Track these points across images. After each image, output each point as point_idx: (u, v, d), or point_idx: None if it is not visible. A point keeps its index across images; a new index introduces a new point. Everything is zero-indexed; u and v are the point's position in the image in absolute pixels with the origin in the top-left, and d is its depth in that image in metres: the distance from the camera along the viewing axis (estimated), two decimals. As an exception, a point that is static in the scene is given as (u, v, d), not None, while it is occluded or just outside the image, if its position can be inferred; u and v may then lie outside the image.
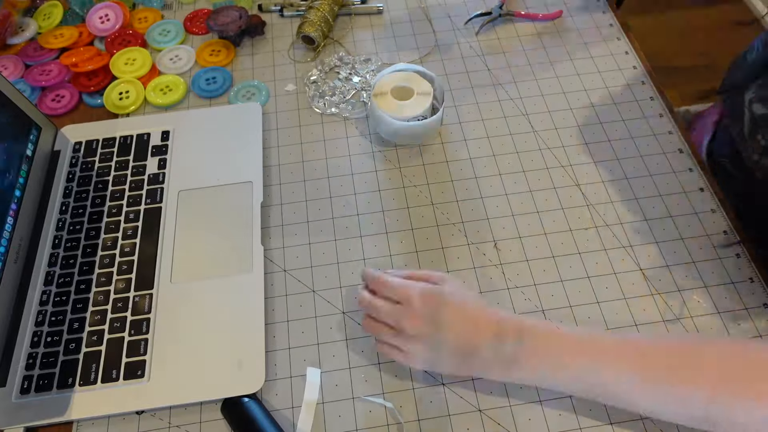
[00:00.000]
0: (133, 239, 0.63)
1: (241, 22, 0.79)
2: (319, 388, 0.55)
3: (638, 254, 0.61)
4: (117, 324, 0.58)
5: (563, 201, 0.65)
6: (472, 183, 0.67)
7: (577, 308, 0.58)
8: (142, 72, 0.77)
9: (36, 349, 0.57)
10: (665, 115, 0.71)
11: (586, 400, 0.53)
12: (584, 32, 0.80)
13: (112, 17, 0.82)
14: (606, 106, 0.73)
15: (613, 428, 0.52)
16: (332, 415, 0.53)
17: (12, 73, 0.78)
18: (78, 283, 0.60)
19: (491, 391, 0.54)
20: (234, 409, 0.52)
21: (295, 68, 0.79)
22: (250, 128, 0.71)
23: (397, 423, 0.53)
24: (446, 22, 0.83)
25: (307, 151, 0.71)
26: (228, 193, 0.66)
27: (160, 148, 0.70)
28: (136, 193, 0.66)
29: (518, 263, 0.61)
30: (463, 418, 0.53)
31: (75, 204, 0.66)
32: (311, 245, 0.63)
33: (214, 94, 0.76)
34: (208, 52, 0.80)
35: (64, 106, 0.75)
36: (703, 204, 0.64)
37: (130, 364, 0.55)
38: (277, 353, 0.57)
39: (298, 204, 0.66)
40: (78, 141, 0.71)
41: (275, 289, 0.61)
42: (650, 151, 0.69)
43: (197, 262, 0.61)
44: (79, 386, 0.54)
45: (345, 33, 0.82)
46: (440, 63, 0.78)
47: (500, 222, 0.64)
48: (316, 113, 0.74)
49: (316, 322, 0.59)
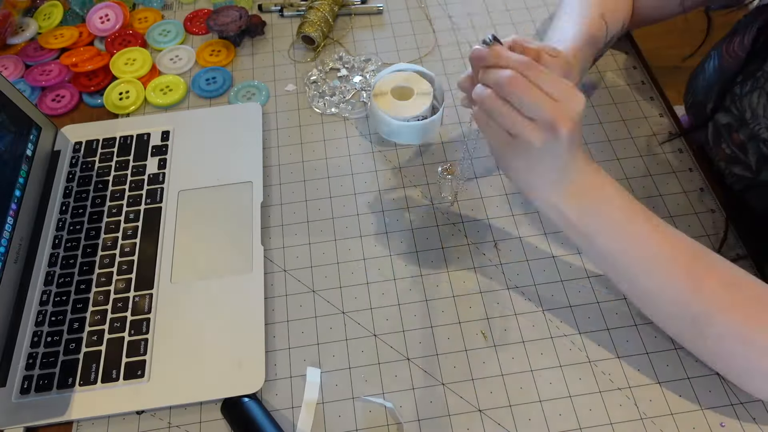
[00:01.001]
0: (133, 239, 0.63)
1: (241, 22, 0.79)
2: (319, 388, 0.55)
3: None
4: (117, 324, 0.58)
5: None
6: (472, 183, 0.67)
7: (577, 308, 0.58)
8: (142, 72, 0.77)
9: (36, 349, 0.57)
10: (665, 115, 0.71)
11: (586, 400, 0.53)
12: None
13: (112, 17, 0.82)
14: (606, 106, 0.73)
15: (613, 428, 0.52)
16: (332, 415, 0.53)
17: (12, 73, 0.78)
18: (78, 283, 0.60)
19: (491, 391, 0.54)
20: (234, 409, 0.52)
21: (295, 68, 0.79)
22: (250, 128, 0.71)
23: (397, 423, 0.53)
24: (446, 22, 0.83)
25: (307, 151, 0.71)
26: (228, 193, 0.66)
27: (160, 148, 0.70)
28: (136, 193, 0.66)
29: (518, 263, 0.61)
30: (463, 418, 0.53)
31: (75, 204, 0.66)
32: (311, 245, 0.63)
33: (214, 94, 0.76)
34: (208, 52, 0.80)
35: (64, 106, 0.75)
36: (703, 204, 0.64)
37: (130, 364, 0.55)
38: (277, 353, 0.57)
39: (298, 204, 0.66)
40: (78, 141, 0.71)
41: (275, 289, 0.61)
42: (650, 150, 0.69)
43: (197, 262, 0.61)
44: (79, 386, 0.54)
45: (345, 33, 0.82)
46: (440, 63, 0.78)
47: (500, 222, 0.64)
48: (316, 113, 0.74)
49: (316, 322, 0.59)
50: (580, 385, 0.54)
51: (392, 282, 0.61)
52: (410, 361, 0.56)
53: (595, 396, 0.53)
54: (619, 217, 0.49)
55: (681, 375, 0.54)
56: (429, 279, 0.61)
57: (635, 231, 0.49)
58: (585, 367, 0.55)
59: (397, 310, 0.59)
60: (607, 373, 0.55)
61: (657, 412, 0.52)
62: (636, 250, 0.49)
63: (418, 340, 0.57)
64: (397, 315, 0.59)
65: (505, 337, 0.57)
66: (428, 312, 0.59)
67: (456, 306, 0.59)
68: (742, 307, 0.47)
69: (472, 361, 0.56)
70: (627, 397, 0.53)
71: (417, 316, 0.58)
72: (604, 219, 0.49)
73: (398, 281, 0.61)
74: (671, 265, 0.48)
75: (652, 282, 0.49)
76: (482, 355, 0.56)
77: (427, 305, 0.59)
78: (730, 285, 0.48)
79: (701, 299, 0.47)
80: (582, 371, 0.55)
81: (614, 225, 0.49)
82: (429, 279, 0.61)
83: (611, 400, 0.53)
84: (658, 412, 0.52)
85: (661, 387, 0.54)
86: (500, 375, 0.55)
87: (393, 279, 0.61)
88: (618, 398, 0.53)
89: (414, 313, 0.59)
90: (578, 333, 0.57)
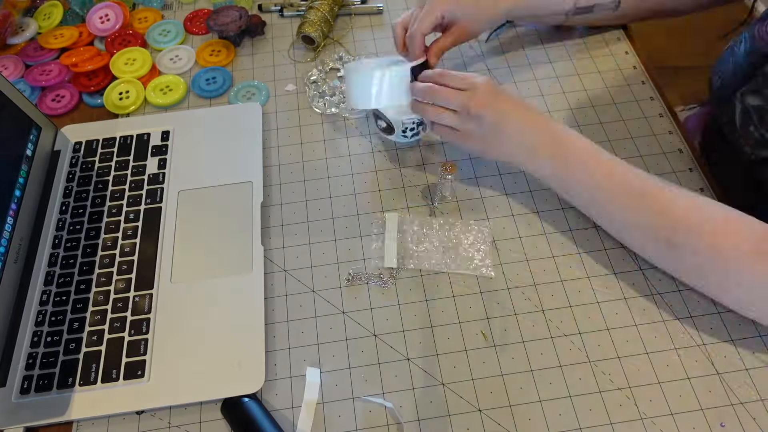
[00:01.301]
0: (133, 239, 0.63)
1: (241, 22, 0.79)
2: (319, 388, 0.55)
3: (638, 254, 0.61)
4: (117, 324, 0.58)
5: (563, 201, 0.65)
6: (472, 183, 0.67)
7: (577, 308, 0.58)
8: (142, 72, 0.77)
9: (36, 349, 0.57)
10: (665, 115, 0.71)
11: (586, 400, 0.53)
12: (584, 32, 0.80)
13: (112, 17, 0.82)
14: (606, 106, 0.73)
15: (613, 428, 0.52)
16: (332, 415, 0.53)
17: (12, 73, 0.78)
18: (78, 283, 0.60)
19: (491, 391, 0.54)
20: (234, 409, 0.52)
21: (295, 68, 0.79)
22: (250, 128, 0.71)
23: (397, 423, 0.53)
24: (446, 22, 0.83)
25: (307, 151, 0.71)
26: (228, 193, 0.66)
27: (160, 148, 0.70)
28: (136, 193, 0.66)
29: (518, 264, 0.61)
30: (463, 418, 0.53)
31: (75, 204, 0.66)
32: (311, 245, 0.63)
33: (214, 94, 0.76)
34: (208, 52, 0.80)
35: (64, 106, 0.75)
36: (703, 204, 0.64)
37: (130, 364, 0.55)
38: (277, 353, 0.57)
39: (298, 204, 0.66)
40: (78, 141, 0.71)
41: (275, 289, 0.61)
42: (650, 151, 0.69)
43: (197, 262, 0.61)
44: (79, 386, 0.54)
45: (345, 33, 0.82)
46: (440, 63, 0.78)
47: (500, 222, 0.64)
48: (316, 113, 0.74)
49: (316, 322, 0.59)
50: (580, 385, 0.54)
51: (392, 282, 0.61)
52: (410, 361, 0.56)
53: (595, 396, 0.54)
54: (589, 163, 0.57)
55: (681, 375, 0.54)
56: (429, 279, 0.61)
57: (604, 170, 0.56)
58: (585, 367, 0.55)
59: (397, 310, 0.59)
60: (607, 373, 0.55)
61: (657, 412, 0.52)
62: (608, 184, 0.56)
63: (418, 340, 0.57)
64: (397, 315, 0.59)
65: (505, 337, 0.57)
66: (428, 312, 0.59)
67: (456, 306, 0.59)
68: (709, 224, 0.52)
69: (472, 361, 0.56)
70: (627, 397, 0.53)
71: (417, 316, 0.58)
72: (573, 168, 0.57)
73: (398, 281, 0.61)
74: (640, 196, 0.54)
75: (627, 214, 0.55)
76: (482, 355, 0.56)
77: (427, 305, 0.59)
78: (695, 208, 0.53)
79: (672, 223, 0.53)
80: (582, 371, 0.55)
81: (584, 170, 0.57)
82: (429, 279, 0.61)
83: (611, 400, 0.53)
84: (658, 412, 0.52)
85: (661, 387, 0.54)
86: (500, 375, 0.55)
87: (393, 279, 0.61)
88: (618, 398, 0.53)
89: (414, 313, 0.59)
90: (578, 333, 0.57)
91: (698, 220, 0.52)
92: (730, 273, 0.51)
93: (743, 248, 0.50)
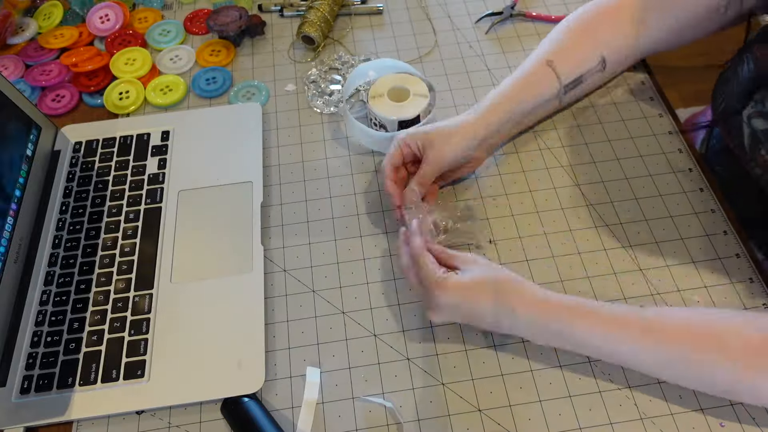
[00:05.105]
0: (133, 239, 0.63)
1: (241, 22, 0.79)
2: (319, 387, 0.55)
3: (638, 254, 0.61)
4: (117, 324, 0.58)
5: (563, 201, 0.65)
6: (471, 183, 0.67)
7: (577, 308, 0.58)
8: (142, 72, 0.77)
9: (36, 349, 0.57)
10: (665, 115, 0.71)
11: (586, 400, 0.53)
12: (584, 32, 0.80)
13: (112, 17, 0.82)
14: (606, 107, 0.73)
15: (613, 428, 0.52)
16: (332, 415, 0.53)
17: (12, 73, 0.78)
18: (78, 283, 0.60)
19: (491, 391, 0.54)
20: (234, 409, 0.52)
21: (295, 68, 0.79)
22: (250, 128, 0.71)
23: (397, 423, 0.53)
24: (446, 22, 0.83)
25: (307, 151, 0.71)
26: (228, 193, 0.66)
27: (160, 148, 0.70)
28: (136, 193, 0.66)
29: (518, 263, 0.61)
30: (463, 418, 0.53)
31: (75, 204, 0.66)
32: (311, 245, 0.63)
33: (214, 94, 0.76)
34: (208, 52, 0.80)
35: (64, 106, 0.75)
36: (703, 204, 0.64)
37: (130, 364, 0.55)
38: (277, 353, 0.57)
39: (298, 204, 0.66)
40: (78, 141, 0.71)
41: (275, 289, 0.61)
42: (650, 151, 0.69)
43: (197, 262, 0.61)
44: (79, 386, 0.54)
45: (345, 33, 0.82)
46: (440, 63, 0.78)
47: (500, 222, 0.64)
48: (316, 113, 0.74)
49: (316, 322, 0.59)
50: (580, 385, 0.54)
51: (392, 282, 0.61)
52: (410, 361, 0.56)
53: (595, 396, 0.53)
54: (573, 326, 0.51)
55: (681, 375, 0.54)
56: (429, 279, 0.60)
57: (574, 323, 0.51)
58: (585, 367, 0.55)
59: (397, 310, 0.59)
60: (607, 373, 0.55)
61: (657, 412, 0.52)
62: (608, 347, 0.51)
63: (418, 340, 0.57)
64: (397, 315, 0.59)
65: (505, 337, 0.57)
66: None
67: (456, 306, 0.59)
68: (742, 358, 0.48)
69: (472, 361, 0.56)
70: (627, 397, 0.53)
71: (417, 316, 0.58)
72: (555, 333, 0.52)
73: (398, 281, 0.61)
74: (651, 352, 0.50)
75: (641, 368, 0.52)
76: (482, 355, 0.56)
77: (427, 305, 0.59)
78: (721, 343, 0.49)
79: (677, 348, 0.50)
80: (582, 371, 0.55)
81: (557, 334, 0.52)
82: (429, 279, 0.60)
83: (611, 400, 0.53)
84: (658, 412, 0.52)
85: (661, 387, 0.54)
86: (500, 375, 0.55)
87: (393, 279, 0.61)
88: (618, 398, 0.53)
89: (414, 313, 0.59)
90: (578, 333, 0.57)
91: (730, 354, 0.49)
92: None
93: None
